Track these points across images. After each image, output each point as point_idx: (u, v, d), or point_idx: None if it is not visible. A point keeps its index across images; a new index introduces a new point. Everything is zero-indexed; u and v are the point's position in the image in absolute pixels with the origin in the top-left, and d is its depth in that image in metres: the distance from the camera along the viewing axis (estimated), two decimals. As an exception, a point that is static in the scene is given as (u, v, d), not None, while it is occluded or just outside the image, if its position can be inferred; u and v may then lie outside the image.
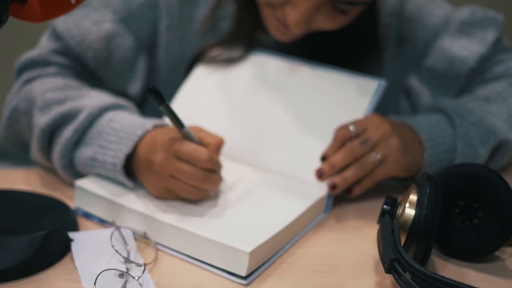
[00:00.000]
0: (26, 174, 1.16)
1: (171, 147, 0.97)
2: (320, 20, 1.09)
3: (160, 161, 0.97)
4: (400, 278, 0.82)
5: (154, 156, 0.98)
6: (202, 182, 0.97)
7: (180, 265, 0.93)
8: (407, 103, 1.29)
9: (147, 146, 1.00)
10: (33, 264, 0.90)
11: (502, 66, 1.24)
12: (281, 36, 1.14)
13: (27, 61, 1.18)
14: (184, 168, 0.97)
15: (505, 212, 0.92)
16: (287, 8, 1.08)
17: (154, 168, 0.98)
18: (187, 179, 0.97)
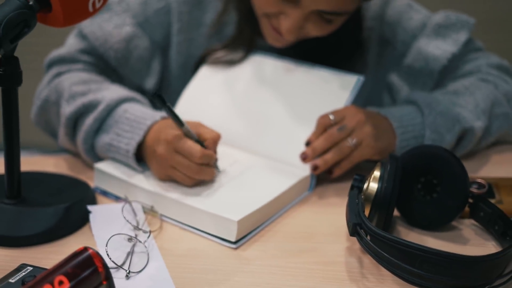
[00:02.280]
0: (54, 159, 1.29)
1: (172, 142, 1.09)
2: (309, 28, 1.20)
3: (162, 153, 1.09)
4: (362, 240, 0.93)
5: (158, 147, 1.10)
6: (196, 174, 1.09)
7: (180, 233, 1.06)
8: (389, 98, 1.40)
9: (154, 138, 1.12)
10: (57, 231, 1.03)
11: (472, 64, 1.35)
12: (276, 43, 1.25)
13: (57, 57, 1.32)
14: (181, 161, 1.09)
15: (458, 187, 1.03)
16: (281, 18, 1.19)
17: (157, 158, 1.10)
18: (184, 170, 1.09)
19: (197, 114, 1.29)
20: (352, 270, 0.97)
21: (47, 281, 0.78)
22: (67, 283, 0.79)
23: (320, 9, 1.16)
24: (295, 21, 1.17)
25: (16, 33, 0.96)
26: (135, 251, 0.99)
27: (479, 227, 1.07)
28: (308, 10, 1.16)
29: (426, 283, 0.87)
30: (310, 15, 1.18)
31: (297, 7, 1.16)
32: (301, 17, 1.17)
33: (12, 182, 1.04)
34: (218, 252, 1.01)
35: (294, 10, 1.17)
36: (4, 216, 1.03)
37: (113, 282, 0.84)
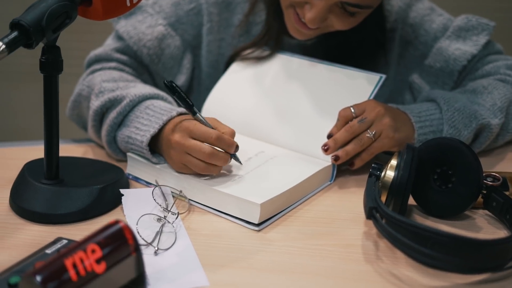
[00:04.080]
0: (91, 147, 1.34)
1: (187, 128, 1.12)
2: (332, 20, 1.24)
3: (177, 139, 1.12)
4: (377, 223, 0.97)
5: (173, 136, 1.13)
6: (209, 157, 1.10)
7: (207, 216, 1.10)
8: (411, 97, 1.43)
9: (171, 129, 1.15)
10: (90, 211, 1.08)
11: (491, 65, 1.37)
12: (299, 35, 1.29)
13: (94, 57, 1.38)
14: (195, 144, 1.10)
15: (472, 177, 1.06)
16: (306, 8, 1.23)
17: (172, 145, 1.13)
18: (197, 154, 1.11)
19: (225, 107, 1.34)
20: (368, 252, 1.00)
21: (81, 248, 0.83)
22: (99, 251, 0.84)
23: (344, 0, 1.19)
24: (319, 11, 1.20)
25: (58, 23, 1.02)
26: (164, 231, 1.04)
27: (492, 217, 1.10)
28: (332, 1, 1.19)
29: (437, 263, 0.90)
30: (333, 7, 1.21)
31: None
32: (325, 7, 1.20)
33: (51, 164, 1.09)
34: (242, 234, 1.05)
35: (319, 0, 1.20)
36: (43, 195, 1.08)
37: (141, 254, 0.89)
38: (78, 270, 0.81)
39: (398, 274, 0.95)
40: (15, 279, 0.86)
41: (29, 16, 0.98)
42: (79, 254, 0.82)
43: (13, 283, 0.86)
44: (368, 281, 0.93)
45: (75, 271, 0.81)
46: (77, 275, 0.81)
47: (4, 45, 0.95)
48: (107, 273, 0.84)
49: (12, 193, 1.11)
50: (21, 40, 0.97)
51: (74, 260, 0.81)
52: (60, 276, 0.80)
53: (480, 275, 0.93)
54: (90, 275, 0.82)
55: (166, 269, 0.95)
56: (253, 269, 0.96)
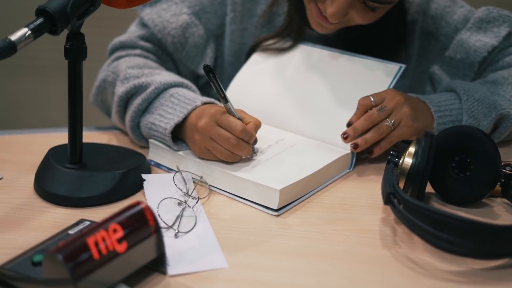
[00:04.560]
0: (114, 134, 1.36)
1: (215, 115, 1.14)
2: (353, 15, 1.24)
3: (204, 125, 1.14)
4: (395, 208, 0.97)
5: (200, 121, 1.15)
6: (234, 148, 1.13)
7: (227, 201, 1.12)
8: (431, 89, 1.43)
9: (196, 115, 1.16)
10: (113, 195, 1.10)
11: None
12: (320, 29, 1.30)
13: (118, 43, 1.39)
14: (221, 133, 1.13)
15: (490, 164, 1.06)
16: (327, 3, 1.24)
17: (198, 130, 1.15)
18: (223, 143, 1.13)
19: (246, 96, 1.35)
20: (386, 237, 1.01)
21: (103, 227, 0.85)
22: (120, 231, 0.86)
23: None
24: (340, 6, 1.21)
25: (83, 10, 1.03)
26: (184, 215, 1.05)
27: (510, 205, 1.10)
28: None
29: (454, 248, 0.91)
30: (355, 2, 1.21)
31: None
32: (346, 2, 1.21)
33: (74, 149, 1.11)
34: (261, 218, 1.06)
35: None
36: (66, 179, 1.10)
37: (161, 235, 0.90)
38: (100, 248, 0.83)
39: (415, 259, 0.95)
40: (38, 257, 0.88)
41: (55, 3, 1.00)
42: (101, 233, 0.84)
43: (37, 261, 0.88)
44: (385, 265, 0.94)
45: (97, 250, 0.82)
46: (98, 253, 0.82)
47: (30, 31, 0.97)
48: (128, 252, 0.86)
49: (36, 177, 1.13)
50: (46, 27, 0.99)
51: (96, 238, 0.83)
52: (82, 254, 0.81)
53: (497, 261, 0.94)
54: (112, 254, 0.84)
55: (186, 251, 0.97)
56: (271, 252, 0.97)
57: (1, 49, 0.93)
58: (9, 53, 0.94)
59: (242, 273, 0.92)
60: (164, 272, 0.91)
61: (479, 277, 0.91)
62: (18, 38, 0.95)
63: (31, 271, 0.86)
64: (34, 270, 0.87)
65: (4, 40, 0.94)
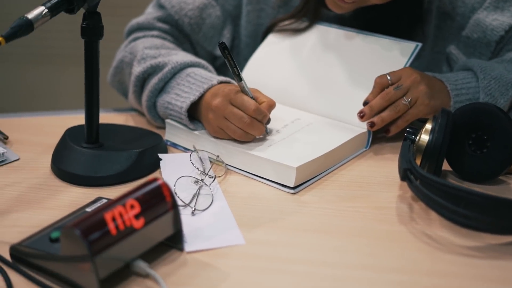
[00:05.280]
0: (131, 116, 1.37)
1: (228, 95, 1.14)
2: None
3: (217, 104, 1.14)
4: (411, 184, 0.97)
5: (214, 100, 1.15)
6: (247, 127, 1.13)
7: (243, 179, 1.12)
8: (448, 68, 1.42)
9: (211, 94, 1.17)
10: (129, 174, 1.11)
11: (529, 36, 1.37)
12: (336, 8, 1.29)
13: (135, 25, 1.40)
14: (235, 112, 1.13)
15: (507, 141, 1.06)
16: None
17: (212, 108, 1.15)
18: (236, 121, 1.13)
19: (262, 76, 1.35)
20: (402, 214, 1.01)
21: (120, 203, 0.85)
22: (137, 207, 0.86)
23: None
24: None
25: (101, -11, 1.04)
26: (201, 193, 1.06)
27: (528, 182, 1.10)
28: None
29: (471, 223, 0.91)
30: None
31: None
32: None
33: (91, 128, 1.12)
34: (278, 196, 1.07)
35: None
36: (83, 158, 1.11)
37: (178, 212, 0.91)
38: (117, 224, 0.83)
39: (432, 234, 0.95)
40: (56, 234, 0.88)
41: (71, -19, 1.01)
42: (118, 209, 0.84)
43: (55, 238, 0.88)
44: (402, 240, 0.94)
45: (114, 225, 0.83)
46: (116, 229, 0.83)
47: (46, 9, 0.98)
48: (145, 228, 0.86)
49: (53, 157, 1.14)
50: (63, 5, 1.00)
51: (114, 214, 0.84)
52: (100, 229, 0.82)
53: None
54: (129, 230, 0.84)
55: (203, 228, 0.97)
56: (288, 229, 0.97)
57: (18, 27, 0.94)
58: (26, 31, 0.95)
59: (259, 249, 0.92)
60: (181, 249, 0.91)
61: (495, 252, 0.91)
62: (35, 16, 0.96)
63: (49, 248, 0.87)
64: (52, 247, 0.87)
65: (21, 18, 0.95)
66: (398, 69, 1.23)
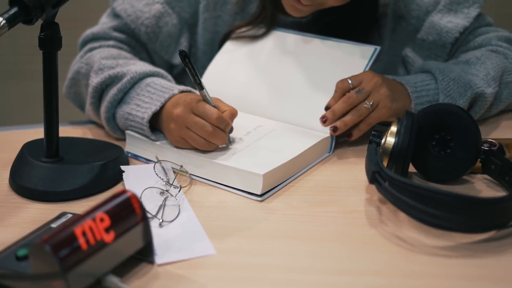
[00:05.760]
0: (88, 129, 1.35)
1: (190, 104, 1.13)
2: None
3: (179, 113, 1.13)
4: (380, 187, 0.98)
5: (175, 109, 1.14)
6: (210, 136, 1.12)
7: (209, 189, 1.11)
8: (404, 71, 1.44)
9: (172, 104, 1.16)
10: (92, 187, 1.09)
11: (483, 37, 1.39)
12: (294, 12, 1.29)
13: (90, 35, 1.38)
14: (197, 121, 1.11)
15: (470, 140, 1.07)
16: None
17: (173, 118, 1.14)
18: (198, 131, 1.12)
19: (221, 85, 1.34)
20: (372, 217, 1.01)
21: (90, 217, 0.83)
22: (107, 220, 0.84)
23: None
24: None
25: (57, 0, 1.02)
26: (167, 204, 1.04)
27: (490, 181, 1.11)
28: None
29: (441, 222, 0.91)
30: None
31: None
32: None
33: (51, 142, 1.10)
34: (245, 204, 1.06)
35: None
36: (44, 173, 1.08)
37: (148, 223, 0.89)
38: (88, 238, 0.81)
39: (402, 236, 0.96)
40: (23, 252, 0.86)
41: (28, -8, 0.99)
42: (88, 223, 0.82)
43: (21, 256, 0.85)
44: (374, 243, 0.94)
45: (84, 240, 0.81)
46: (86, 243, 0.81)
47: (4, 21, 0.95)
48: (116, 242, 0.84)
49: (12, 173, 1.11)
50: (21, 16, 0.98)
51: (84, 228, 0.82)
52: (70, 244, 0.79)
53: (484, 234, 0.95)
54: (100, 244, 0.82)
55: (172, 240, 0.96)
56: (259, 236, 0.97)
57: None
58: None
59: (232, 258, 0.91)
60: (152, 262, 0.90)
61: (468, 251, 0.92)
62: (-8, 27, 0.94)
63: (16, 266, 0.84)
64: (19, 265, 0.84)
65: (-22, 30, 0.93)
66: (359, 73, 1.24)
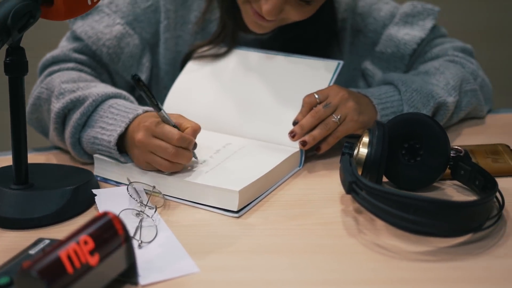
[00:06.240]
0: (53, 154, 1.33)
1: (150, 128, 1.12)
2: (288, 11, 1.25)
3: (140, 139, 1.12)
4: (358, 196, 0.99)
5: (136, 134, 1.13)
6: (174, 157, 1.11)
7: (184, 208, 1.11)
8: (364, 84, 1.47)
9: (134, 127, 1.15)
10: (65, 212, 1.07)
11: (439, 47, 1.43)
12: (257, 28, 1.31)
13: (50, 58, 1.36)
14: (159, 144, 1.11)
15: (440, 147, 1.10)
16: (262, 1, 1.23)
17: (136, 144, 1.13)
18: (161, 153, 1.12)
19: (186, 105, 1.34)
20: (349, 227, 1.03)
21: (73, 240, 0.82)
22: (91, 243, 0.83)
23: None
24: (275, 2, 1.22)
25: (23, 23, 1.01)
26: (143, 225, 1.04)
27: (460, 186, 1.14)
28: None
29: (421, 228, 0.93)
30: None
31: None
32: None
33: (20, 168, 1.08)
34: (222, 221, 1.06)
35: None
36: (14, 200, 1.06)
37: (132, 244, 0.89)
38: (73, 262, 0.80)
39: (382, 244, 0.97)
40: (4, 280, 0.84)
41: (-6, 16, 0.98)
42: (72, 246, 0.82)
43: (3, 284, 0.84)
44: (356, 253, 0.96)
45: (70, 264, 0.80)
46: (72, 267, 0.80)
47: (-29, 46, 0.94)
48: (101, 264, 0.84)
49: (-20, 202, 1.09)
50: (-13, 41, 0.97)
51: (69, 252, 0.81)
52: (57, 268, 0.79)
53: (461, 238, 0.97)
54: (85, 267, 0.82)
55: (154, 260, 0.95)
56: (240, 252, 0.97)
57: None
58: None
59: (216, 275, 0.91)
60: (136, 283, 0.89)
61: (448, 254, 0.94)
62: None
63: (-3, 295, 0.83)
64: (0, 294, 0.84)
65: None
66: (325, 88, 1.26)
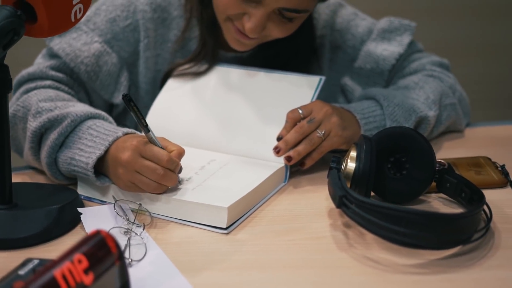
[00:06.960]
0: (27, 174, 1.30)
1: (138, 147, 1.11)
2: (270, 28, 1.27)
3: (127, 158, 1.11)
4: (348, 210, 1.00)
5: (122, 154, 1.12)
6: (161, 179, 1.10)
7: (171, 225, 1.10)
8: (344, 99, 1.49)
9: (118, 148, 1.13)
10: (52, 231, 1.06)
11: (417, 62, 1.46)
12: (239, 46, 1.32)
13: (26, 75, 1.34)
14: (147, 164, 1.10)
15: (425, 161, 1.11)
16: (244, 19, 1.25)
17: (122, 164, 1.12)
18: (149, 174, 1.10)
19: (168, 122, 1.34)
20: (339, 241, 1.03)
21: (68, 259, 0.81)
22: (85, 261, 0.83)
23: (282, 6, 1.22)
24: (258, 19, 1.23)
25: (7, 40, 1.00)
26: (132, 244, 1.03)
27: (446, 199, 1.16)
28: (270, 8, 1.22)
29: (413, 241, 0.94)
30: (272, 14, 1.24)
31: (259, 6, 1.22)
32: (263, 15, 1.23)
33: (4, 188, 1.06)
34: (211, 238, 1.06)
35: (257, 9, 1.23)
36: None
37: (125, 263, 0.88)
38: (68, 281, 0.79)
39: (373, 257, 0.98)
40: (-5, 302, 0.84)
41: (-22, 34, 0.97)
42: (67, 265, 0.81)
43: (-5, 305, 0.83)
44: (347, 267, 0.96)
45: (65, 283, 0.79)
46: (67, 287, 0.80)
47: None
48: (95, 284, 0.83)
49: (-37, 224, 1.07)
50: (-27, 59, 0.96)
51: (63, 271, 0.80)
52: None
53: (451, 250, 0.98)
54: (80, 287, 0.81)
55: (145, 279, 0.95)
56: (231, 269, 0.97)
57: None
58: None
59: (210, 292, 0.92)
60: (129, 302, 0.89)
61: (439, 267, 0.95)
62: None
63: (-10, 317, 0.82)
64: (-7, 316, 0.82)
65: None
66: (309, 103, 1.27)
